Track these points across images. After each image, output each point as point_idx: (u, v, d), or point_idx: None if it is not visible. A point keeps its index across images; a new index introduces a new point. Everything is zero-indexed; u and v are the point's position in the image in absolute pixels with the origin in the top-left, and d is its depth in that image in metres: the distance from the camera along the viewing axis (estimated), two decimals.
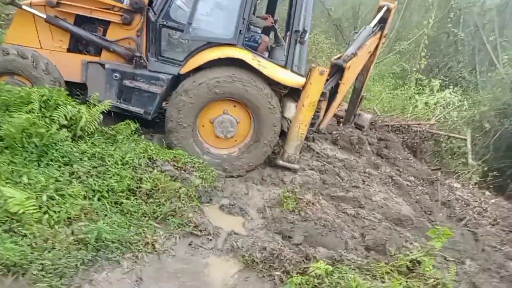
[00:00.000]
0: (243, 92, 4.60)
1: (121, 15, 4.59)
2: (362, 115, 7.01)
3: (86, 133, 4.02)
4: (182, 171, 4.30)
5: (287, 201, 4.37)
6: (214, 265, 3.34)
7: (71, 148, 3.71)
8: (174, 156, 4.47)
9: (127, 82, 4.64)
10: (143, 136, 4.85)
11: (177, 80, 4.77)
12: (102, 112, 4.33)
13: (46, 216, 3.08)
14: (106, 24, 4.72)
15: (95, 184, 3.53)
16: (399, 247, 4.07)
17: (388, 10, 5.40)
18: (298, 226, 4.01)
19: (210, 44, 4.63)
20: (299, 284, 2.96)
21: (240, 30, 4.54)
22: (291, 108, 4.95)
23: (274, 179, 5.15)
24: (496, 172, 8.47)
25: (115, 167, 3.75)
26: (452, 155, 8.94)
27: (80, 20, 4.67)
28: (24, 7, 4.30)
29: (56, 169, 3.54)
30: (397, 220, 5.07)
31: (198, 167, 4.54)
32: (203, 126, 4.88)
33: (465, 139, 8.67)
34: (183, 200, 3.88)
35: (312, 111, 4.84)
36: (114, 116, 4.77)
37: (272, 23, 5.98)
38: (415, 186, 6.45)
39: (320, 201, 4.60)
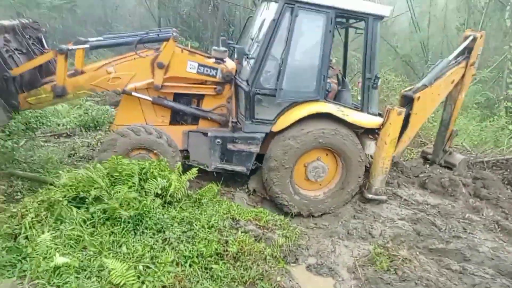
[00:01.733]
0: (341, 144, 5.13)
1: (215, 87, 5.17)
2: (453, 154, 6.60)
3: (175, 199, 4.24)
4: (265, 230, 4.26)
5: (380, 259, 4.05)
6: None
7: (163, 215, 3.91)
8: (256, 215, 4.48)
9: (230, 146, 5.15)
10: (225, 197, 4.98)
11: (266, 136, 5.24)
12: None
13: (144, 286, 3.19)
14: (200, 96, 5.31)
15: (185, 249, 3.62)
16: None
17: (474, 40, 5.79)
18: (397, 287, 3.63)
19: (296, 102, 5.08)
20: None
21: (322, 86, 5.03)
22: (371, 146, 5.46)
23: (361, 232, 4.84)
24: None
25: (202, 231, 3.85)
26: None
27: (178, 96, 5.30)
28: (133, 93, 4.96)
29: (151, 237, 3.72)
30: None
31: (280, 224, 4.47)
32: (297, 168, 5.24)
33: None
34: (269, 262, 3.79)
35: (394, 147, 5.38)
36: (212, 175, 5.34)
37: (339, 71, 6.26)
38: None
39: (417, 256, 4.18)
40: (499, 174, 7.20)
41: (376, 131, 5.46)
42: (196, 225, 3.90)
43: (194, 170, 4.66)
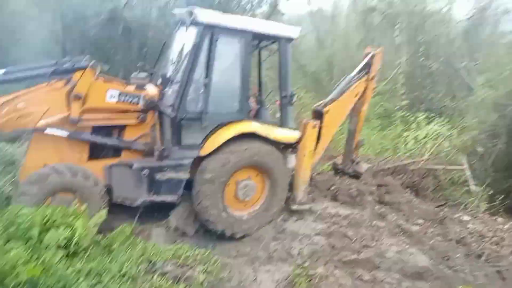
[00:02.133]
0: (271, 162, 5.30)
1: (138, 116, 4.98)
2: (360, 164, 7.17)
3: (81, 249, 3.88)
4: (185, 268, 4.12)
5: (299, 280, 4.18)
6: None
7: (66, 270, 3.54)
8: (174, 253, 4.31)
9: (158, 176, 4.91)
10: (140, 237, 4.72)
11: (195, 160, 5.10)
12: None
13: None
14: (122, 126, 5.05)
15: None
16: None
17: (373, 56, 6.37)
18: None
19: (222, 123, 5.09)
20: None
21: (244, 106, 5.21)
22: (292, 159, 5.71)
23: (281, 254, 4.98)
24: (502, 195, 8.34)
25: (113, 281, 3.57)
26: (454, 185, 8.82)
27: (97, 129, 4.92)
28: (47, 131, 4.49)
29: None
30: (416, 274, 4.86)
31: (200, 259, 4.37)
32: (228, 185, 5.20)
33: (463, 168, 8.60)
34: None
35: (311, 158, 5.74)
36: (125, 213, 4.99)
37: (257, 90, 6.46)
38: (425, 229, 6.26)
39: (333, 271, 4.41)
40: (399, 179, 8.01)
41: (294, 144, 5.70)
42: (106, 276, 3.61)
43: (103, 213, 4.34)
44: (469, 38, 13.64)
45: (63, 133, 4.65)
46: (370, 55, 6.41)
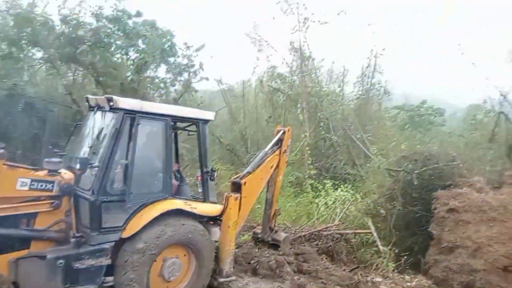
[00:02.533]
0: (199, 239, 5.32)
1: (51, 202, 4.66)
2: (279, 232, 7.42)
3: None
4: None
5: None
6: None
7: None
8: None
9: (77, 265, 4.55)
10: None
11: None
12: None
13: None
14: (31, 215, 4.62)
15: None
16: None
17: (284, 133, 7.20)
18: None
19: (145, 203, 5.06)
20: None
21: (168, 184, 5.29)
22: (216, 232, 5.77)
23: None
24: (407, 252, 9.07)
25: None
26: (364, 246, 9.38)
27: (1, 220, 4.36)
28: None
29: None
30: None
31: None
32: (155, 261, 5.06)
33: (370, 231, 9.27)
34: None
35: (236, 229, 5.95)
36: None
37: (178, 166, 6.57)
38: None
39: None
40: (315, 246, 8.29)
41: (217, 217, 5.86)
42: None
43: None
44: (360, 114, 15.71)
45: None
46: (281, 132, 7.22)
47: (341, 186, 11.33)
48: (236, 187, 6.20)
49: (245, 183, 6.17)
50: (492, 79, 12.93)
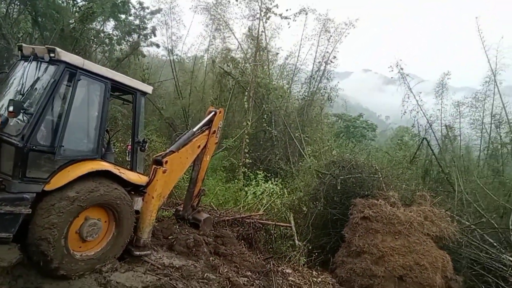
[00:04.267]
0: (120, 202, 5.26)
1: None
2: (200, 212, 7.41)
3: None
4: None
5: None
6: None
7: None
8: None
9: None
10: None
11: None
12: None
13: None
14: None
15: None
16: None
17: (215, 114, 7.23)
18: None
19: (73, 160, 4.99)
20: None
21: (99, 146, 5.29)
22: (138, 202, 5.80)
23: None
24: (319, 250, 9.62)
25: None
26: (282, 239, 9.75)
27: None
28: None
29: None
30: None
31: None
32: (77, 217, 4.96)
33: (290, 226, 9.64)
34: None
35: (159, 200, 6.05)
36: None
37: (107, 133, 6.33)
38: (252, 281, 6.60)
39: None
40: (236, 231, 8.41)
41: (142, 188, 5.87)
42: None
43: None
44: (302, 114, 16.20)
45: None
46: (212, 113, 7.28)
47: (272, 179, 11.60)
48: (157, 165, 6.17)
49: (166, 162, 6.18)
50: (423, 106, 14.05)
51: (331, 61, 16.61)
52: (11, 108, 4.57)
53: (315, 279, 7.95)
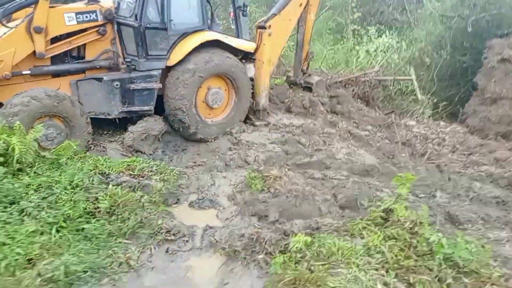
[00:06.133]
0: (235, 70, 5.58)
1: (97, 29, 4.96)
2: (312, 76, 7.31)
3: (25, 165, 3.69)
4: (141, 178, 4.10)
5: (254, 182, 4.31)
6: (196, 266, 3.23)
7: (13, 185, 3.39)
8: (128, 165, 4.24)
9: (131, 86, 5.04)
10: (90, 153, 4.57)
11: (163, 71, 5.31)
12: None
13: (4, 263, 2.80)
14: (79, 48, 5.04)
15: (48, 216, 3.26)
16: (370, 199, 4.14)
17: None
18: (271, 204, 3.96)
19: (185, 34, 5.30)
20: (283, 263, 2.93)
21: (206, 17, 5.52)
22: (251, 68, 5.99)
23: (238, 162, 5.08)
24: (445, 102, 8.93)
25: (65, 193, 3.49)
26: (402, 95, 9.24)
27: (55, 57, 4.84)
28: (24, 72, 4.57)
29: (2, 211, 3.23)
30: (363, 171, 5.20)
31: (156, 170, 4.35)
32: (201, 88, 5.46)
33: (411, 78, 8.94)
34: (147, 208, 3.70)
35: (270, 65, 6.18)
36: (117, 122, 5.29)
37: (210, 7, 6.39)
38: (373, 134, 6.62)
39: (286, 173, 4.58)
40: (351, 91, 8.21)
41: (250, 55, 6.02)
42: (57, 188, 3.50)
43: (39, 127, 4.07)
44: None
45: (27, 72, 4.61)
46: None
47: (386, 32, 10.47)
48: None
49: (269, 26, 6.01)
50: None
51: None
52: None
53: (442, 130, 7.54)
